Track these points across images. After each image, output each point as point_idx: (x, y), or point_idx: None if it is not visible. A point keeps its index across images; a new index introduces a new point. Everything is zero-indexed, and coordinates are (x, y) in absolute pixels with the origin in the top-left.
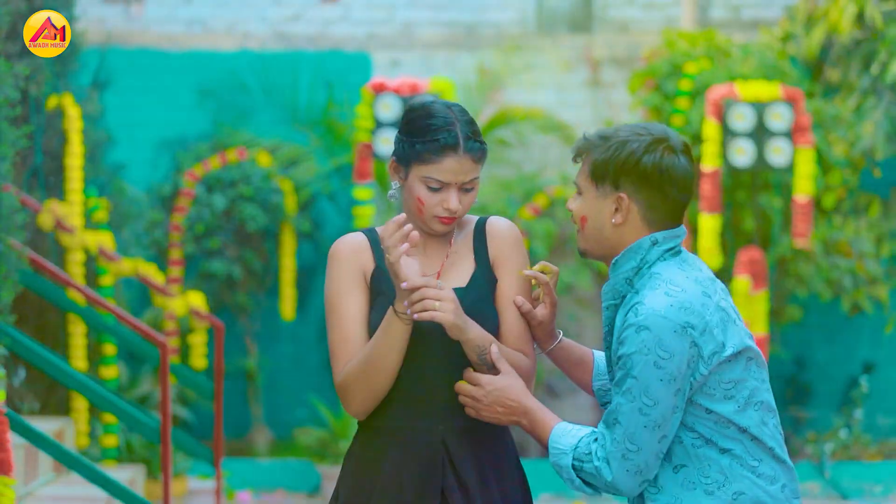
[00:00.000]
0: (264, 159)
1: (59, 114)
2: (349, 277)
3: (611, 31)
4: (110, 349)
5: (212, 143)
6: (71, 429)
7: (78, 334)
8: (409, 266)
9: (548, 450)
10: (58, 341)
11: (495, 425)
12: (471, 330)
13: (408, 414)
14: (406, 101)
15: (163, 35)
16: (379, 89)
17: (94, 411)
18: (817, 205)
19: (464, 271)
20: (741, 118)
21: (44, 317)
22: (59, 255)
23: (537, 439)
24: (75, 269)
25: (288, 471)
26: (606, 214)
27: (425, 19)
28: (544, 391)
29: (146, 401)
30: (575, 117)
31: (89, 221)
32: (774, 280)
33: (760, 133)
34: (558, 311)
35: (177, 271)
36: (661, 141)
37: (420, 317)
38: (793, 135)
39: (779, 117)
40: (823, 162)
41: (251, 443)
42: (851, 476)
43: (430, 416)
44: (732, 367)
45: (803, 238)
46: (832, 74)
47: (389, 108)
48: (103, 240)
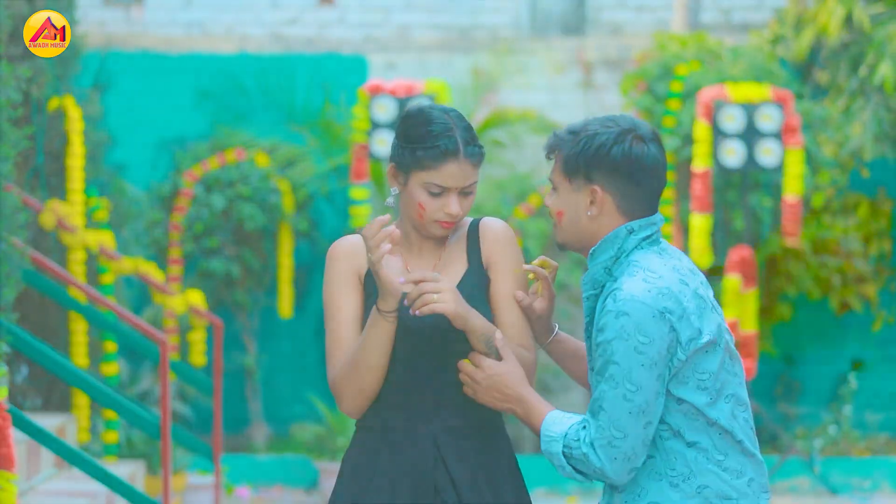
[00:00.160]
0: (262, 160)
1: (61, 115)
2: (344, 279)
3: (603, 34)
4: (111, 346)
5: (211, 143)
6: (72, 425)
7: (79, 332)
8: (391, 265)
9: (539, 438)
10: (59, 339)
11: (488, 424)
12: (474, 318)
13: (400, 413)
14: (402, 103)
15: (162, 38)
16: (375, 91)
17: (95, 407)
18: (806, 204)
19: (455, 271)
20: (731, 119)
21: (46, 315)
22: (61, 253)
23: (531, 428)
24: (76, 267)
25: (286, 466)
26: (582, 207)
27: (420, 22)
28: (537, 387)
29: (146, 397)
30: (567, 118)
31: (90, 221)
32: (764, 279)
33: (750, 134)
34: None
35: (176, 270)
36: (630, 131)
37: (422, 311)
38: (782, 136)
39: (768, 118)
40: (813, 162)
41: (250, 439)
42: (840, 472)
43: (423, 416)
44: (707, 358)
45: (793, 237)
46: (821, 76)
47: (385, 109)
48: (104, 239)
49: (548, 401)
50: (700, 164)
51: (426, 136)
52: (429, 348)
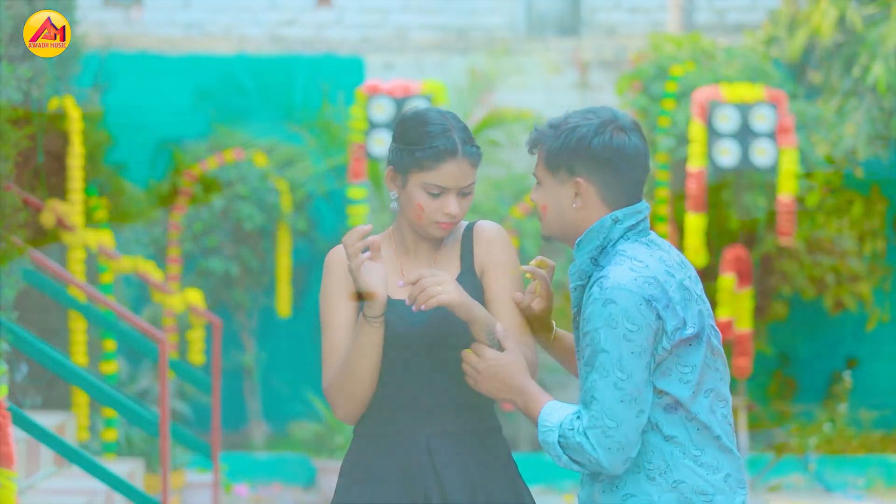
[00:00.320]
0: (261, 160)
1: (61, 115)
2: (339, 287)
3: (598, 35)
4: (110, 345)
5: (209, 143)
6: (72, 423)
7: (79, 330)
8: (371, 271)
9: (537, 428)
10: (59, 337)
11: (484, 425)
12: (477, 308)
13: (394, 418)
14: (399, 103)
15: (162, 39)
16: (372, 91)
17: (95, 406)
18: (801, 204)
19: (448, 274)
20: (726, 119)
21: (45, 313)
22: (61, 253)
23: (530, 418)
24: (76, 266)
25: (284, 464)
26: (566, 200)
27: (417, 23)
28: None
29: (145, 396)
30: None
31: (90, 220)
32: (759, 278)
33: (745, 134)
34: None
35: (175, 269)
36: (610, 122)
37: (428, 304)
38: (776, 136)
39: (763, 118)
40: (806, 162)
41: (248, 437)
42: (835, 469)
43: (416, 420)
44: (691, 351)
45: (787, 236)
46: (814, 77)
47: (383, 109)
48: (103, 238)
49: None
50: (695, 164)
51: (424, 137)
52: (421, 353)
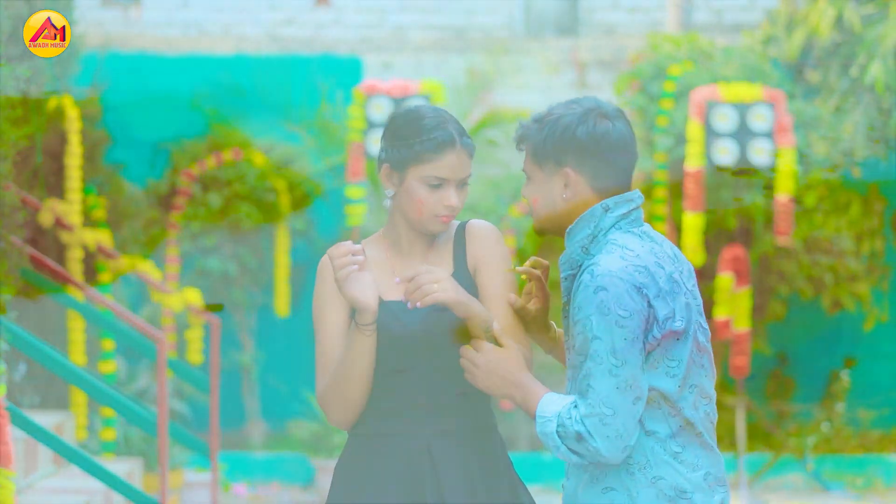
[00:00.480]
0: (259, 159)
1: (59, 114)
2: (331, 293)
3: (597, 35)
4: (109, 344)
5: (208, 143)
6: (70, 422)
7: (77, 330)
8: (359, 280)
9: (535, 421)
10: (57, 337)
11: (481, 425)
12: (474, 305)
13: (392, 419)
14: (397, 103)
15: (160, 38)
16: (371, 91)
17: (93, 405)
18: (799, 203)
19: (444, 271)
20: (724, 119)
21: (44, 313)
22: (59, 252)
23: (528, 412)
24: (74, 266)
25: (282, 464)
26: (556, 192)
27: (416, 23)
28: None
29: (144, 395)
30: None
31: (88, 219)
32: (757, 277)
33: (743, 133)
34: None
35: (173, 268)
36: (593, 110)
37: (424, 302)
38: (774, 135)
39: (761, 118)
40: (804, 162)
41: (246, 436)
42: (833, 469)
43: (416, 421)
44: (678, 346)
45: (785, 236)
46: (812, 76)
47: (381, 109)
48: (102, 237)
49: None
50: (693, 163)
51: (421, 130)
52: (417, 353)
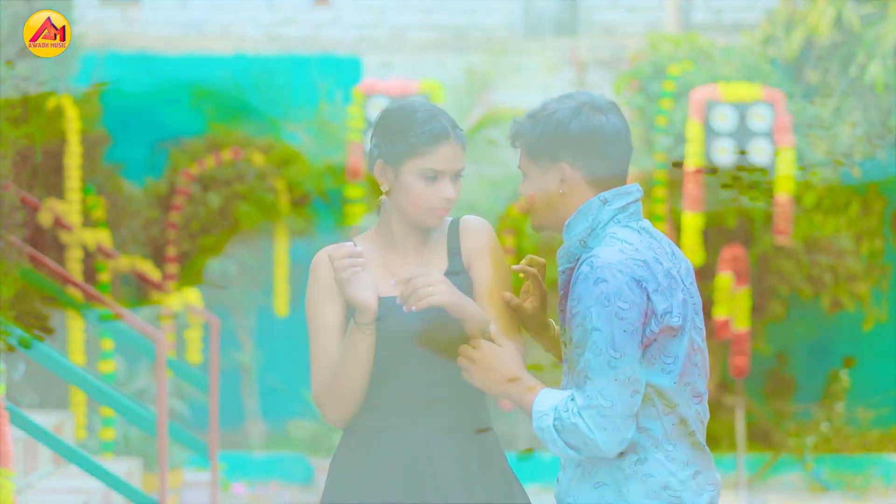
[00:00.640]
0: (258, 158)
1: (59, 114)
2: (326, 289)
3: (596, 34)
4: (108, 344)
5: (207, 142)
6: (70, 422)
7: (76, 329)
8: (359, 280)
9: (531, 417)
10: (57, 336)
11: (478, 423)
12: (470, 306)
13: (389, 415)
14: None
15: (159, 38)
16: (370, 90)
17: (93, 405)
18: (798, 203)
19: (435, 270)
20: (723, 119)
21: (43, 312)
22: (59, 252)
23: (524, 408)
24: (74, 265)
25: (282, 463)
26: (552, 187)
27: (415, 23)
28: None
29: (143, 395)
30: None
31: (87, 219)
32: (756, 277)
33: (742, 133)
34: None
35: (173, 268)
36: (586, 104)
37: (419, 306)
38: (774, 135)
39: (760, 118)
40: (804, 161)
41: (246, 436)
42: (833, 469)
43: (412, 416)
44: (674, 342)
45: (784, 236)
46: (812, 76)
47: (380, 108)
48: (101, 237)
49: None
50: (692, 163)
51: (415, 123)
52: (415, 349)
